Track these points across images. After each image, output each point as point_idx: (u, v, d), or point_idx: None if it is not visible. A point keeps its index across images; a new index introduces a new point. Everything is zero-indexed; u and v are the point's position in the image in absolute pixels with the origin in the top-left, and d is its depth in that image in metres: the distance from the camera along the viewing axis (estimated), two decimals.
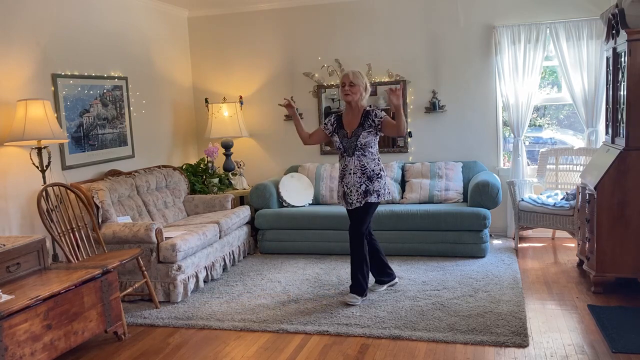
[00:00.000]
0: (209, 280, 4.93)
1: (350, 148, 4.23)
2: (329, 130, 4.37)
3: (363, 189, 4.21)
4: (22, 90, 4.40)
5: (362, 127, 4.22)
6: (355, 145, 4.21)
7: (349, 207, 4.28)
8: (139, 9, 5.92)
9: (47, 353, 3.16)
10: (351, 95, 4.22)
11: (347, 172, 4.24)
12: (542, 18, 5.70)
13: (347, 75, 4.25)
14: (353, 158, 4.23)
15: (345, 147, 4.25)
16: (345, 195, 4.28)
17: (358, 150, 4.21)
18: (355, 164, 4.22)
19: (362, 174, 4.21)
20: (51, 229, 4.00)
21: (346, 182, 4.25)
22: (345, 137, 4.26)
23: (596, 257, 4.24)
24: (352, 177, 4.22)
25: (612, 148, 4.38)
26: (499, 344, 3.44)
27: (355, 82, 4.21)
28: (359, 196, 4.22)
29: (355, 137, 4.22)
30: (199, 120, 6.87)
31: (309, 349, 3.53)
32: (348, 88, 4.22)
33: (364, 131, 4.20)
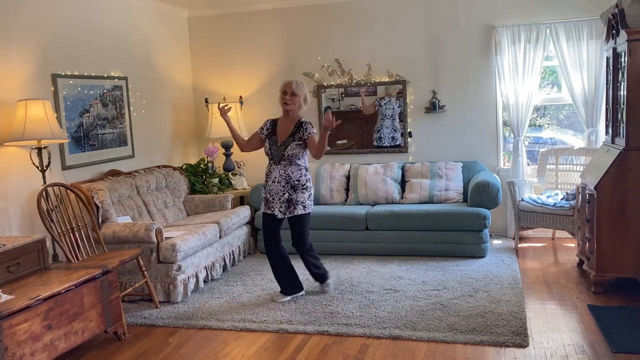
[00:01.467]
0: (209, 280, 4.93)
1: (277, 156, 4.25)
2: (264, 134, 4.35)
3: (286, 198, 4.21)
4: (22, 90, 4.40)
5: (292, 137, 4.23)
6: (282, 154, 4.23)
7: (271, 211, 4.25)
8: (139, 9, 5.92)
9: (47, 353, 3.16)
10: (290, 105, 4.24)
11: (270, 179, 4.26)
12: (542, 18, 5.70)
13: (289, 85, 4.25)
14: (278, 167, 4.24)
15: (273, 154, 4.27)
16: (267, 202, 4.29)
17: (284, 160, 4.22)
18: (280, 173, 4.23)
19: (287, 183, 4.22)
20: (51, 229, 4.00)
21: (269, 190, 4.27)
22: (275, 145, 4.27)
23: (596, 257, 4.24)
24: (275, 185, 4.23)
25: (612, 148, 4.38)
26: (499, 344, 3.44)
27: (297, 92, 4.24)
28: (281, 205, 4.22)
29: (283, 147, 4.23)
30: (199, 120, 6.87)
31: (309, 349, 3.53)
32: (289, 97, 4.24)
33: (293, 142, 4.22)
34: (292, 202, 4.22)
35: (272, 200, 4.26)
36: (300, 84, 4.29)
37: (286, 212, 4.23)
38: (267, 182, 4.30)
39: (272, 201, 4.26)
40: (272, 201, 4.26)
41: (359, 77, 6.32)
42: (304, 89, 4.31)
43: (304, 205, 4.25)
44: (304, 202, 4.24)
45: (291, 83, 4.26)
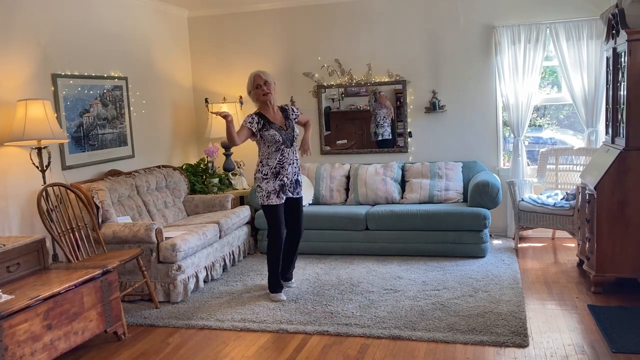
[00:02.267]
0: (209, 280, 4.93)
1: (289, 139, 4.37)
2: (255, 128, 4.30)
3: (296, 179, 4.45)
4: (22, 90, 4.40)
5: (289, 120, 4.42)
6: (292, 135, 4.40)
7: (290, 195, 4.41)
8: (139, 9, 5.92)
9: (47, 353, 3.16)
10: (269, 94, 4.33)
11: (286, 163, 4.36)
12: (542, 18, 5.70)
13: (259, 76, 4.33)
14: (292, 149, 4.40)
15: (284, 138, 4.34)
16: (283, 187, 4.36)
17: (294, 141, 4.40)
18: (293, 154, 4.41)
19: (297, 164, 4.45)
20: (51, 229, 4.00)
21: (286, 173, 4.36)
22: (282, 130, 4.34)
23: (596, 257, 4.24)
24: (291, 167, 4.39)
25: (612, 148, 4.37)
26: (499, 344, 3.44)
27: (269, 80, 4.34)
28: (292, 185, 4.42)
29: (291, 129, 4.40)
30: (199, 120, 6.87)
31: (309, 349, 3.53)
32: (265, 87, 4.31)
33: (293, 123, 4.43)
34: (298, 183, 4.48)
35: (290, 184, 4.40)
36: (266, 73, 4.41)
37: (294, 193, 4.43)
38: (282, 167, 4.34)
39: (288, 185, 4.39)
40: (288, 185, 4.39)
41: (359, 77, 6.32)
42: (270, 75, 4.44)
43: (301, 182, 4.53)
44: (301, 180, 4.53)
45: (259, 75, 4.35)
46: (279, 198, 4.36)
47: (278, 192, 4.35)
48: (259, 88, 4.32)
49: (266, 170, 4.35)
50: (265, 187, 4.35)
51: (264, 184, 4.35)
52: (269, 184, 4.34)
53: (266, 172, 4.35)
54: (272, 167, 4.34)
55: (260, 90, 4.32)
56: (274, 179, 4.34)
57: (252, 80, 4.35)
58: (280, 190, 4.35)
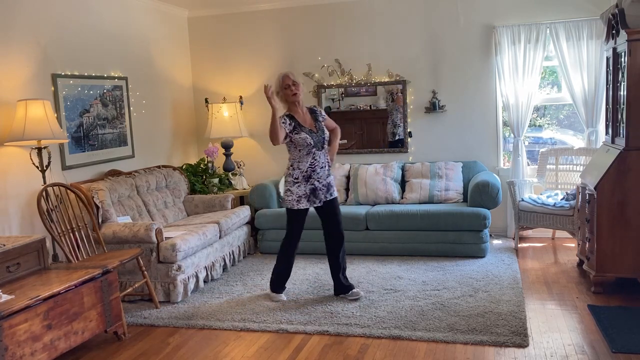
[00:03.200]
0: (209, 280, 4.93)
1: (320, 142, 4.28)
2: (288, 129, 4.22)
3: (328, 181, 4.33)
4: (22, 90, 4.40)
5: (318, 122, 4.32)
6: (323, 138, 4.29)
7: (319, 203, 4.29)
8: (139, 9, 5.92)
9: (47, 353, 3.16)
10: (298, 94, 4.26)
11: (317, 166, 4.26)
12: (542, 18, 5.70)
13: (287, 77, 4.25)
14: (322, 152, 4.30)
15: (316, 142, 4.24)
16: (315, 191, 4.26)
17: (325, 143, 4.32)
18: (325, 157, 4.32)
19: (328, 167, 4.35)
20: (51, 229, 4.00)
21: (318, 177, 4.26)
22: (313, 132, 4.26)
23: (596, 257, 4.24)
24: (323, 170, 4.30)
25: (612, 148, 4.37)
26: (499, 344, 3.44)
27: (297, 80, 4.28)
28: (324, 188, 4.30)
29: (321, 131, 4.30)
30: (199, 120, 6.87)
31: (309, 349, 3.53)
32: (294, 87, 4.25)
33: (322, 125, 4.33)
34: (330, 185, 4.35)
35: (322, 188, 4.28)
36: (293, 73, 4.34)
37: (327, 195, 4.31)
38: (314, 171, 4.25)
39: (320, 189, 4.27)
40: (320, 189, 4.27)
41: (359, 77, 6.32)
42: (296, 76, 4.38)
43: (334, 185, 4.41)
44: (333, 182, 4.41)
45: (288, 75, 4.27)
46: (309, 202, 4.27)
47: (309, 197, 4.27)
48: (287, 88, 4.23)
49: (297, 174, 4.24)
50: (296, 191, 4.24)
51: (294, 187, 4.24)
52: (300, 188, 4.23)
53: (297, 175, 4.24)
54: (303, 170, 4.23)
55: (289, 91, 4.22)
56: (305, 183, 4.24)
57: (281, 81, 4.25)
58: (311, 194, 4.26)
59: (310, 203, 4.28)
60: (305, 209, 4.30)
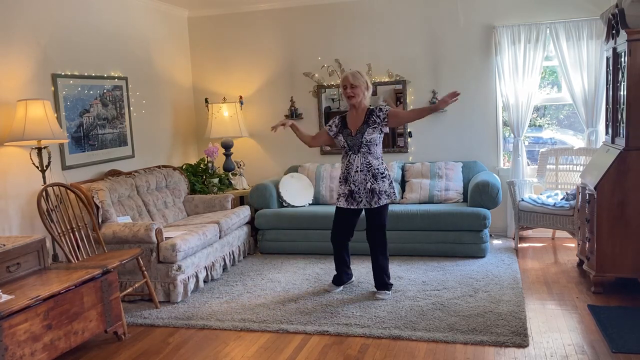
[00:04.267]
0: (209, 280, 4.93)
1: (356, 145, 4.27)
2: (334, 131, 4.40)
3: (369, 187, 4.25)
4: (22, 90, 4.40)
5: (366, 124, 4.27)
6: (360, 142, 4.25)
7: (356, 205, 4.30)
8: (139, 9, 5.92)
9: (47, 353, 3.16)
10: (354, 97, 4.27)
11: (352, 169, 4.27)
12: (542, 18, 5.70)
13: (346, 78, 4.27)
14: (358, 155, 4.27)
15: (350, 145, 4.28)
16: (352, 194, 4.29)
17: (363, 147, 4.26)
18: (361, 161, 4.26)
19: (368, 171, 4.26)
20: (51, 229, 4.00)
21: (353, 180, 4.27)
22: (350, 135, 4.30)
23: (596, 257, 4.24)
24: (358, 174, 4.26)
25: (612, 148, 4.37)
26: (499, 344, 3.44)
27: (355, 83, 4.25)
28: (367, 194, 4.26)
29: (360, 134, 4.26)
30: (199, 120, 6.87)
31: (309, 349, 3.53)
32: (350, 90, 4.25)
33: (368, 128, 4.25)
34: (375, 192, 4.26)
35: (358, 192, 4.28)
36: (357, 74, 4.30)
37: (371, 202, 4.28)
38: (348, 173, 4.30)
39: (357, 192, 4.29)
40: (357, 192, 4.29)
41: None
42: (363, 77, 4.31)
43: (388, 194, 4.32)
44: (387, 190, 4.31)
45: (348, 76, 4.28)
46: (347, 202, 4.32)
47: (347, 197, 4.31)
48: (344, 89, 4.29)
49: (340, 174, 4.40)
50: (337, 189, 4.43)
51: (338, 185, 4.42)
52: (341, 187, 4.38)
53: (340, 175, 4.39)
54: (342, 171, 4.37)
55: (345, 92, 4.29)
56: (344, 183, 4.34)
57: (342, 80, 4.34)
58: (349, 195, 4.30)
59: (348, 203, 4.32)
60: (347, 208, 4.34)
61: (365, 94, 4.30)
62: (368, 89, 4.32)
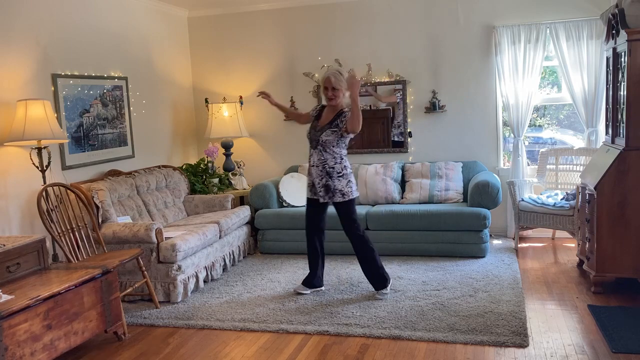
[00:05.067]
0: (209, 280, 4.93)
1: (313, 141, 4.38)
2: (313, 115, 4.52)
3: (324, 183, 4.34)
4: (22, 90, 4.40)
5: (329, 125, 4.34)
6: (317, 139, 4.33)
7: (316, 196, 4.40)
8: (139, 9, 5.92)
9: (47, 353, 3.16)
10: (334, 99, 4.34)
11: (310, 164, 4.41)
12: (542, 18, 5.71)
13: (329, 80, 4.29)
14: (315, 151, 4.37)
15: (311, 138, 4.40)
16: (313, 185, 4.42)
17: (320, 145, 4.34)
18: (317, 157, 4.35)
19: (322, 168, 4.34)
20: (51, 229, 4.00)
21: (310, 173, 4.42)
22: (314, 129, 4.40)
23: (596, 257, 4.24)
24: (314, 169, 4.37)
25: (612, 148, 4.37)
26: (499, 344, 3.44)
27: (337, 86, 4.30)
28: (321, 189, 4.35)
29: (320, 132, 4.35)
30: (199, 120, 6.87)
31: (309, 349, 3.53)
32: (331, 93, 4.31)
33: (329, 129, 4.32)
34: (329, 189, 4.33)
35: (315, 185, 4.39)
36: (339, 76, 4.31)
37: (326, 197, 4.37)
38: (309, 165, 4.42)
39: (314, 186, 4.40)
40: (314, 186, 4.40)
41: (359, 77, 6.31)
42: (343, 79, 4.32)
43: (343, 192, 4.31)
44: (342, 189, 4.31)
45: (330, 78, 4.28)
46: (311, 192, 4.45)
47: (311, 187, 4.44)
48: (326, 89, 4.34)
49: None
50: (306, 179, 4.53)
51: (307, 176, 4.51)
52: (308, 178, 4.48)
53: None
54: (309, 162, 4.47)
55: (326, 93, 4.35)
56: (309, 175, 4.44)
57: (322, 80, 4.37)
58: (312, 186, 4.42)
59: (312, 194, 4.44)
60: (311, 198, 4.45)
61: (344, 95, 4.35)
62: (347, 89, 4.35)
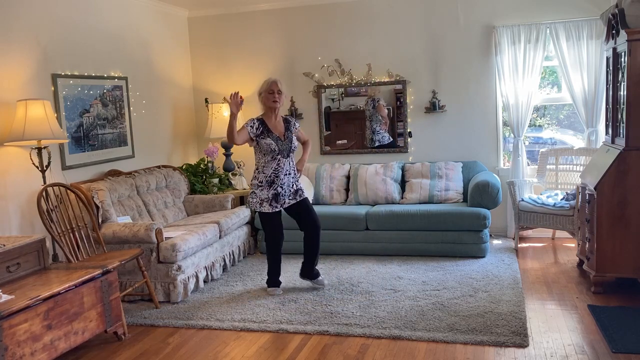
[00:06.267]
0: (209, 280, 4.93)
1: (286, 150, 4.44)
2: (254, 133, 4.38)
3: (295, 188, 4.50)
4: (22, 90, 4.40)
5: (289, 131, 4.49)
6: (290, 147, 4.45)
7: (280, 207, 4.47)
8: (139, 9, 5.92)
9: (47, 353, 3.16)
10: (278, 102, 4.44)
11: (281, 173, 4.42)
12: (542, 18, 5.70)
13: (275, 83, 4.45)
14: (288, 159, 4.46)
15: (281, 149, 4.41)
16: (277, 197, 4.43)
17: (292, 152, 4.47)
18: (290, 165, 4.47)
19: (293, 175, 4.49)
20: (51, 229, 4.00)
21: (281, 183, 4.42)
22: (280, 140, 4.42)
23: (596, 257, 4.24)
24: (287, 177, 4.45)
25: (612, 148, 4.38)
26: (499, 344, 3.44)
27: (282, 90, 4.45)
28: (291, 194, 4.47)
29: (289, 141, 4.47)
30: (199, 120, 6.87)
31: (309, 349, 3.53)
32: (277, 95, 4.42)
33: (292, 135, 4.49)
34: (297, 191, 4.53)
35: (284, 194, 4.44)
36: (282, 83, 4.50)
37: (295, 198, 4.50)
38: (277, 177, 4.41)
39: (282, 194, 4.44)
40: (282, 194, 4.44)
41: (359, 77, 6.32)
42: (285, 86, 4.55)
43: (303, 189, 4.58)
44: (302, 187, 4.59)
45: (277, 82, 4.45)
46: (271, 206, 4.43)
47: (271, 201, 4.42)
48: (271, 94, 4.40)
49: (261, 178, 4.44)
50: (259, 194, 4.45)
51: (258, 190, 4.46)
52: (262, 192, 4.43)
53: (261, 179, 4.44)
54: (267, 175, 4.42)
55: (272, 96, 4.40)
56: (268, 188, 4.42)
57: (268, 85, 4.44)
58: (273, 199, 4.41)
59: (272, 207, 4.44)
60: (273, 212, 4.47)
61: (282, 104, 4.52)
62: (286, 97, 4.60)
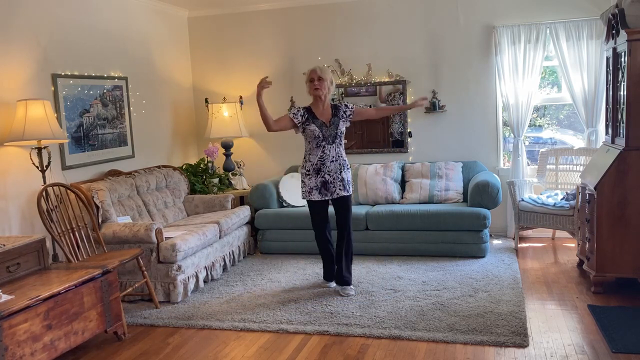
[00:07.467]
0: (209, 280, 4.93)
1: (331, 136, 4.40)
2: (299, 120, 4.41)
3: (341, 177, 4.40)
4: (22, 90, 4.40)
5: (337, 117, 4.43)
6: (335, 133, 4.41)
7: (330, 196, 4.41)
8: (139, 9, 5.92)
9: (47, 353, 3.16)
10: (320, 90, 4.40)
11: (327, 160, 4.38)
12: (542, 18, 5.70)
13: (314, 71, 4.42)
14: (333, 146, 4.40)
15: (325, 135, 4.39)
16: (326, 185, 4.38)
17: (337, 139, 4.41)
18: (336, 152, 4.41)
19: (340, 163, 4.42)
20: (51, 229, 4.00)
21: (328, 170, 4.38)
22: (325, 126, 4.40)
23: (596, 257, 4.24)
24: (333, 164, 4.39)
25: (612, 148, 4.37)
26: (499, 344, 3.44)
27: (323, 76, 4.41)
28: (339, 184, 4.40)
29: (334, 126, 4.41)
30: (199, 120, 6.87)
31: (309, 349, 3.53)
32: (317, 83, 4.39)
33: (340, 121, 4.42)
34: (344, 182, 4.43)
35: (333, 181, 4.39)
36: (325, 69, 4.49)
37: (343, 191, 4.42)
38: (324, 164, 4.37)
39: (332, 182, 4.39)
40: (332, 182, 4.39)
41: (359, 77, 6.32)
42: (329, 72, 4.49)
43: (351, 184, 4.51)
44: (350, 180, 4.50)
45: (316, 70, 4.43)
46: (320, 194, 4.40)
47: (320, 189, 4.40)
48: (311, 82, 4.41)
49: (308, 167, 4.42)
50: (307, 182, 4.44)
51: (306, 179, 4.44)
52: (311, 180, 4.42)
53: (308, 168, 4.42)
54: (313, 163, 4.40)
55: (312, 85, 4.40)
56: (315, 176, 4.40)
57: (308, 74, 4.46)
58: (322, 186, 4.39)
59: (322, 195, 4.41)
60: (322, 200, 4.43)
61: (329, 89, 4.45)
62: (332, 84, 4.48)
